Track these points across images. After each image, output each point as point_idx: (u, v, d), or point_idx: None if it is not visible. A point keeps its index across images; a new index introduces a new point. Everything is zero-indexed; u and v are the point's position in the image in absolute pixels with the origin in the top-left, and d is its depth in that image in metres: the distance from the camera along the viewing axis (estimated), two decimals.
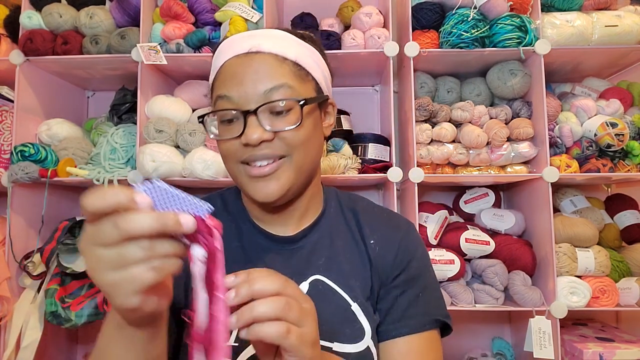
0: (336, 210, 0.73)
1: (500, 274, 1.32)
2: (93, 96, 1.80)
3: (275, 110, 0.59)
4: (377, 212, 0.74)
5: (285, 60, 0.61)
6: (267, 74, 0.59)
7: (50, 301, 1.32)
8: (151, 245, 0.36)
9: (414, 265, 0.69)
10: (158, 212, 0.37)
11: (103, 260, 0.36)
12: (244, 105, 0.59)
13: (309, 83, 0.63)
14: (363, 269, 0.68)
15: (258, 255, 0.67)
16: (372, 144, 1.43)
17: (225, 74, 0.61)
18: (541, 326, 1.26)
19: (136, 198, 0.36)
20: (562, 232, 1.36)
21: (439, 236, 1.40)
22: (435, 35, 1.37)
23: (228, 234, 0.67)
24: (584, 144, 1.35)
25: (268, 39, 0.62)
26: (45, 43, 1.40)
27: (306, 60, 0.63)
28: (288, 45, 0.62)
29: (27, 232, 1.43)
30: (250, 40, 0.61)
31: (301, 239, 0.68)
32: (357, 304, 0.64)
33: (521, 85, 1.38)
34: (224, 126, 0.62)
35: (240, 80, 0.59)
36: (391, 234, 0.70)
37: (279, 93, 0.59)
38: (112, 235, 0.35)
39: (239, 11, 1.36)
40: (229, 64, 0.61)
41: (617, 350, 1.23)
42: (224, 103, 0.60)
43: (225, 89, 0.60)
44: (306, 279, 0.65)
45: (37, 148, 1.38)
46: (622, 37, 1.34)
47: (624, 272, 1.36)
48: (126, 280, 0.36)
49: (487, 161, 1.38)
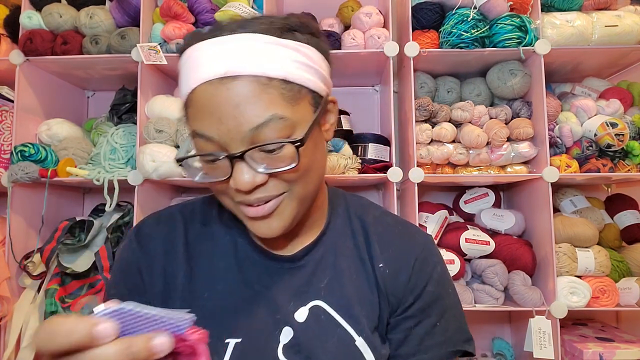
0: (343, 221, 0.65)
1: (500, 274, 1.32)
2: (93, 96, 1.80)
3: (267, 150, 0.49)
4: (390, 225, 0.65)
5: (271, 81, 0.48)
6: (250, 107, 0.47)
7: (50, 301, 1.32)
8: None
9: (430, 290, 0.61)
10: (124, 340, 0.31)
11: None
12: (227, 146, 0.49)
13: (304, 100, 0.51)
14: (370, 293, 0.60)
15: (256, 275, 0.60)
16: (372, 144, 1.43)
17: (198, 106, 0.49)
18: (541, 326, 1.26)
19: (98, 329, 0.30)
20: (562, 232, 1.36)
21: (439, 236, 1.40)
22: (435, 35, 1.37)
23: (223, 248, 0.62)
24: (584, 144, 1.35)
25: (246, 54, 0.48)
26: (45, 43, 1.40)
27: (297, 72, 0.50)
28: (272, 58, 0.49)
29: (27, 232, 1.43)
30: (224, 60, 0.48)
31: (303, 257, 0.61)
32: (362, 338, 0.57)
33: (521, 85, 1.38)
34: (207, 164, 0.52)
35: (219, 117, 0.48)
36: (404, 252, 0.62)
37: (268, 129, 0.48)
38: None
39: (239, 11, 1.36)
40: (201, 93, 0.49)
41: (617, 350, 1.23)
42: (203, 143, 0.50)
43: (202, 126, 0.49)
44: (305, 304, 0.58)
45: (37, 148, 1.38)
46: (622, 37, 1.34)
47: (624, 272, 1.36)
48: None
49: (487, 161, 1.38)
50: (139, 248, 0.62)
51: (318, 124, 0.55)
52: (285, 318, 0.57)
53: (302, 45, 0.52)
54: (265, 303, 0.58)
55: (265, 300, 0.58)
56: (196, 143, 0.51)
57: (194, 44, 0.51)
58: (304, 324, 0.57)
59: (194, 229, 0.64)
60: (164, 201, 1.54)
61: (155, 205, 1.43)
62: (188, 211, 0.66)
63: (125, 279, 0.61)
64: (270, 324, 0.57)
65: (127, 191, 1.39)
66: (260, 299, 0.58)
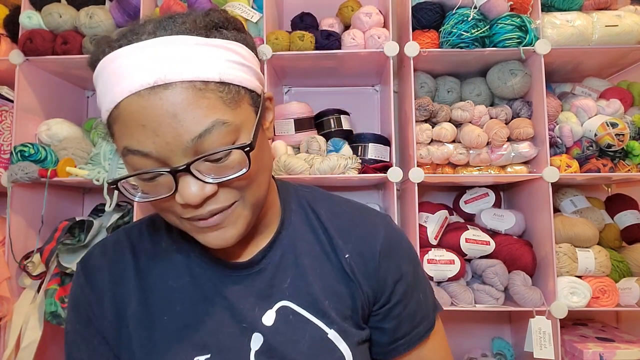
0: (299, 216, 0.63)
1: (501, 274, 1.32)
2: (93, 96, 1.80)
3: (213, 159, 0.45)
4: (346, 214, 0.64)
5: (207, 85, 0.44)
6: (189, 115, 0.43)
7: (50, 301, 1.32)
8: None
9: (406, 269, 0.62)
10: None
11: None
12: (168, 159, 0.44)
13: (243, 101, 0.48)
14: (337, 284, 0.59)
15: (213, 287, 0.57)
16: (372, 144, 1.43)
17: (127, 121, 0.44)
18: (541, 326, 1.26)
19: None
20: (562, 232, 1.36)
21: (439, 236, 1.40)
22: (435, 35, 1.37)
23: (176, 267, 0.59)
24: (584, 144, 1.35)
25: (176, 58, 0.44)
26: (45, 43, 1.39)
27: (233, 72, 0.47)
28: (205, 60, 0.45)
29: (26, 232, 1.43)
30: (151, 67, 0.43)
31: (260, 261, 0.59)
32: (333, 330, 0.57)
33: (521, 85, 1.38)
34: (145, 183, 0.47)
35: (154, 130, 0.43)
36: (367, 241, 0.61)
37: (211, 137, 0.44)
38: None
39: (239, 11, 1.36)
40: (128, 106, 0.43)
41: (617, 351, 1.23)
42: (138, 160, 0.45)
43: (135, 143, 0.44)
44: (271, 307, 0.57)
45: (36, 148, 1.38)
46: (622, 37, 1.33)
47: (624, 272, 1.36)
48: None
49: (487, 161, 1.38)
50: (86, 282, 0.59)
51: (261, 124, 0.52)
52: (253, 324, 0.56)
53: (231, 43, 0.48)
54: (229, 314, 0.56)
55: (228, 311, 0.56)
56: (129, 161, 0.46)
57: (109, 53, 0.45)
58: (272, 327, 0.56)
59: (143, 252, 0.61)
60: None
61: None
62: (135, 235, 0.63)
63: (77, 315, 0.60)
64: (237, 333, 0.56)
65: None
66: (224, 311, 0.56)
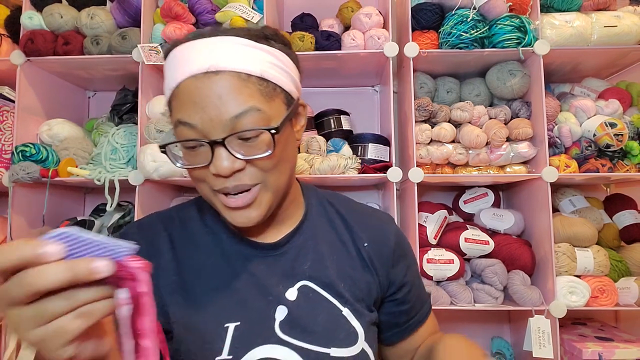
0: (318, 210, 0.72)
1: (500, 274, 1.32)
2: (94, 96, 1.81)
3: (245, 137, 0.54)
4: (360, 210, 0.75)
5: (250, 77, 0.54)
6: (232, 98, 0.53)
7: None
8: (72, 294, 0.34)
9: (410, 256, 0.74)
10: (67, 261, 0.34)
11: (23, 319, 0.34)
12: (209, 133, 0.53)
13: (278, 98, 0.57)
14: (352, 270, 0.67)
15: (242, 264, 0.65)
16: (372, 144, 1.44)
17: (183, 98, 0.54)
18: (540, 325, 1.26)
19: (44, 249, 0.33)
20: (561, 231, 1.36)
21: (439, 236, 1.41)
22: (434, 35, 1.37)
23: (207, 246, 0.66)
24: (583, 144, 1.35)
25: (228, 52, 0.54)
26: (46, 43, 1.40)
27: (273, 72, 0.56)
28: (251, 58, 0.55)
29: (28, 232, 1.43)
30: (208, 56, 0.54)
31: (285, 245, 0.67)
32: (347, 308, 0.65)
33: (520, 86, 1.38)
34: (188, 152, 0.56)
35: (202, 107, 0.53)
36: (383, 231, 0.72)
37: (246, 119, 0.53)
38: (18, 293, 0.33)
39: (239, 12, 1.36)
40: (186, 86, 0.54)
41: (616, 350, 1.24)
42: (186, 130, 0.55)
43: (185, 115, 0.54)
44: (293, 285, 0.64)
45: (38, 148, 1.38)
46: (621, 37, 1.34)
47: (623, 272, 1.36)
48: (53, 334, 0.34)
49: (486, 161, 1.38)
50: None
51: (290, 120, 0.61)
52: (278, 298, 0.63)
53: (275, 51, 0.58)
54: (257, 288, 0.63)
55: (256, 286, 0.63)
56: (179, 131, 0.55)
57: (178, 46, 0.57)
58: (295, 301, 0.63)
59: (176, 232, 0.68)
60: (164, 201, 1.54)
61: (156, 205, 1.44)
62: (166, 218, 0.70)
63: None
64: (263, 306, 0.63)
65: (128, 191, 1.40)
66: (251, 285, 0.63)
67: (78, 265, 0.34)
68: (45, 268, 0.33)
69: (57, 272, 0.33)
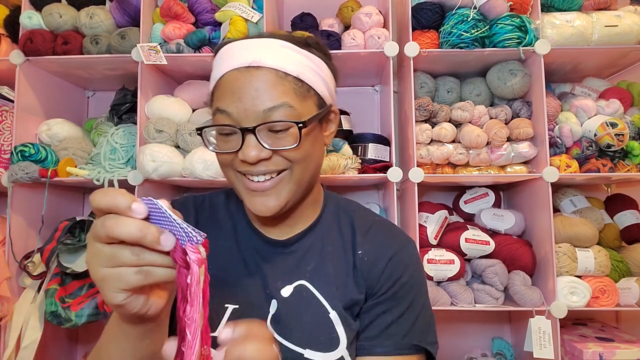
0: (333, 215, 0.73)
1: (500, 274, 1.32)
2: (93, 96, 1.80)
3: (274, 129, 0.58)
4: (376, 223, 0.72)
5: (287, 76, 0.59)
6: (267, 92, 0.57)
7: (50, 301, 1.32)
8: (140, 252, 0.39)
9: (403, 281, 0.66)
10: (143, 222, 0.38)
11: (98, 254, 0.39)
12: (242, 122, 0.58)
13: (310, 99, 0.61)
14: (346, 277, 0.67)
15: (251, 255, 0.68)
16: (372, 144, 1.43)
17: (224, 87, 0.60)
18: (541, 326, 1.26)
19: (133, 205, 0.38)
20: (562, 232, 1.36)
21: (439, 236, 1.40)
22: (435, 35, 1.37)
23: (226, 232, 0.71)
24: (584, 144, 1.35)
25: (270, 51, 0.59)
26: (45, 43, 1.40)
27: (308, 75, 0.61)
28: (290, 59, 0.60)
29: (27, 232, 1.43)
30: (251, 52, 0.59)
31: (294, 244, 0.69)
32: (335, 312, 0.64)
33: (521, 85, 1.38)
34: (221, 138, 0.61)
35: (239, 97, 0.58)
36: (384, 246, 0.69)
37: (278, 113, 0.57)
38: (99, 232, 0.38)
39: (239, 11, 1.36)
40: (229, 77, 0.59)
41: (616, 350, 1.23)
42: (222, 118, 0.59)
43: (224, 103, 0.59)
44: (291, 283, 0.66)
45: (37, 148, 1.38)
46: (621, 37, 1.34)
47: (623, 272, 1.36)
48: (113, 277, 0.39)
49: (487, 161, 1.38)
50: None
51: (320, 124, 0.64)
52: (273, 293, 0.66)
53: (314, 57, 0.63)
54: (259, 279, 0.67)
55: (259, 277, 0.67)
56: (216, 118, 0.60)
57: (227, 44, 0.63)
58: (287, 298, 0.65)
59: (203, 216, 0.73)
60: None
61: None
62: (199, 201, 0.75)
63: None
64: (262, 297, 0.66)
65: (127, 191, 1.39)
66: (255, 275, 0.67)
67: (149, 229, 0.38)
68: (125, 220, 0.37)
69: (131, 227, 0.37)
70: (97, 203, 0.39)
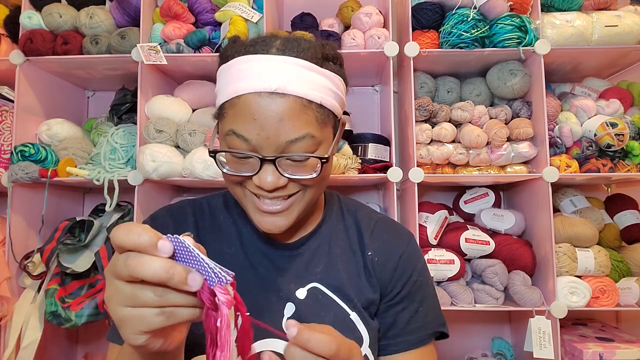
0: (337, 216, 0.73)
1: (500, 274, 1.32)
2: (93, 96, 1.80)
3: (294, 159, 0.56)
4: (379, 221, 0.74)
5: (311, 104, 0.56)
6: (291, 122, 0.54)
7: (50, 301, 1.32)
8: (164, 293, 0.37)
9: (414, 279, 0.69)
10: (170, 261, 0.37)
11: (119, 293, 0.38)
12: (261, 150, 0.55)
13: (329, 123, 0.60)
14: (358, 278, 0.68)
15: (259, 260, 0.68)
16: (372, 144, 1.43)
17: (243, 111, 0.55)
18: (541, 326, 1.26)
19: (159, 243, 0.36)
20: (562, 232, 1.36)
21: (439, 236, 1.40)
22: (435, 35, 1.37)
23: (229, 236, 0.70)
24: (584, 144, 1.35)
25: (295, 76, 0.55)
26: (45, 43, 1.40)
27: (330, 100, 0.59)
28: (314, 85, 0.57)
29: (27, 232, 1.43)
30: (277, 77, 0.54)
31: (301, 246, 0.69)
32: (355, 313, 0.65)
33: (521, 85, 1.38)
34: (235, 159, 0.58)
35: (261, 125, 0.54)
36: (392, 244, 0.70)
37: (300, 144, 0.55)
38: (122, 270, 0.37)
39: (239, 11, 1.36)
40: (248, 100, 0.55)
41: (617, 350, 1.23)
42: (238, 142, 0.56)
43: (242, 128, 0.55)
44: (304, 286, 0.66)
45: (37, 148, 1.38)
46: (622, 37, 1.34)
47: (623, 272, 1.36)
48: (134, 319, 0.37)
49: (487, 161, 1.38)
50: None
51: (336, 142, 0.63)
52: (287, 295, 0.65)
53: (335, 76, 0.60)
54: (270, 283, 0.66)
55: (269, 282, 0.66)
56: (230, 140, 0.57)
57: (243, 54, 0.57)
58: (304, 300, 0.65)
59: (203, 220, 0.71)
60: (164, 201, 1.54)
61: (156, 205, 1.43)
62: (197, 205, 0.74)
63: None
64: (273, 300, 0.65)
65: (127, 191, 1.39)
66: (265, 280, 0.66)
67: (176, 269, 0.36)
68: (150, 259, 0.36)
69: (157, 268, 0.35)
70: (121, 241, 0.37)
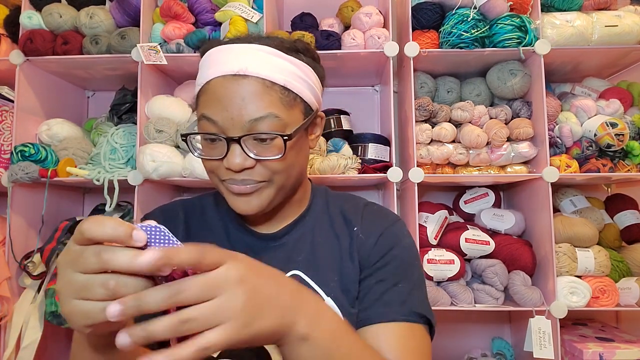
0: (322, 207, 0.74)
1: (500, 274, 1.32)
2: (93, 96, 1.80)
3: (259, 139, 0.58)
4: (367, 206, 0.75)
5: (273, 85, 0.59)
6: (253, 102, 0.57)
7: (50, 301, 1.32)
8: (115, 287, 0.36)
9: (395, 254, 0.67)
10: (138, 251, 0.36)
11: (71, 285, 0.37)
12: (227, 130, 0.58)
13: (297, 107, 0.62)
14: (341, 262, 0.68)
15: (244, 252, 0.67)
16: (372, 144, 1.43)
17: (210, 94, 0.60)
18: (541, 326, 1.26)
19: (133, 233, 0.37)
20: (562, 232, 1.36)
21: (439, 236, 1.40)
22: (435, 35, 1.37)
23: (217, 233, 0.72)
24: (584, 144, 1.35)
25: (257, 59, 0.59)
26: (45, 43, 1.40)
27: (295, 83, 0.61)
28: (277, 68, 0.59)
29: (27, 232, 1.43)
30: (238, 60, 0.58)
31: (284, 236, 0.70)
32: (330, 298, 0.65)
33: (521, 85, 1.38)
34: (207, 144, 0.62)
35: (225, 106, 0.57)
36: (377, 222, 0.71)
37: (264, 123, 0.57)
38: (92, 264, 0.36)
39: (239, 11, 1.36)
40: (215, 83, 0.59)
41: (617, 350, 1.23)
42: (207, 125, 0.59)
43: (209, 111, 0.59)
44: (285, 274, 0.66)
45: (37, 148, 1.38)
46: (622, 37, 1.34)
47: (623, 272, 1.36)
48: (81, 312, 0.37)
49: (487, 161, 1.38)
50: None
51: (305, 129, 0.65)
52: None
53: (303, 65, 0.63)
54: None
55: None
56: (202, 125, 0.61)
57: (215, 46, 0.62)
58: None
59: (193, 217, 0.74)
60: (164, 201, 1.54)
61: (156, 205, 1.41)
62: (188, 204, 0.77)
63: None
64: None
65: (127, 191, 1.39)
66: None
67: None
68: (124, 253, 0.35)
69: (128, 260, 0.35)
70: (94, 233, 0.36)
